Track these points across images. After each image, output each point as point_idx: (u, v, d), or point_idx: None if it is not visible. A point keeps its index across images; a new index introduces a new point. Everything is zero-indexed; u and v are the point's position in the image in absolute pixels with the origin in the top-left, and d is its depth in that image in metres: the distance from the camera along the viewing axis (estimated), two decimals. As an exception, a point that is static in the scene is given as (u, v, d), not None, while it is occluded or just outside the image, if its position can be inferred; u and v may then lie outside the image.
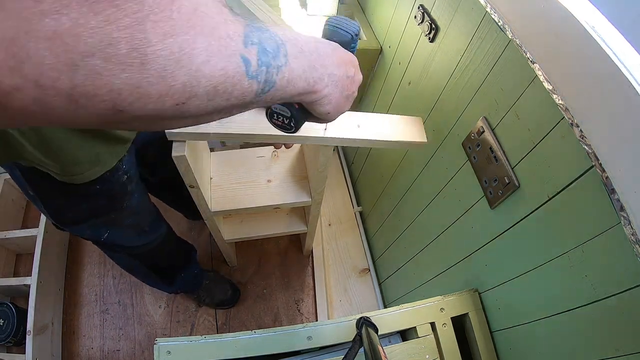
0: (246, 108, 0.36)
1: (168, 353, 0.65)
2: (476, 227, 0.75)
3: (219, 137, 0.66)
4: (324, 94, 0.43)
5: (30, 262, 1.26)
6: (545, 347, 0.61)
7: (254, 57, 0.32)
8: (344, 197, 1.59)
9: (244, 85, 0.31)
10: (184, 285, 1.25)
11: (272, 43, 0.34)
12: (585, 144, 0.46)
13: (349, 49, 0.51)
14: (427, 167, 0.92)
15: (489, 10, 0.62)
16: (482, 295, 0.76)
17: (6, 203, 1.42)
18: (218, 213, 0.93)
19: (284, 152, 1.04)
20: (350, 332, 0.69)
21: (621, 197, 0.43)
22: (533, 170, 0.58)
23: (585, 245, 0.50)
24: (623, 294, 0.46)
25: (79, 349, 1.29)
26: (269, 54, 0.33)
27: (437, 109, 0.85)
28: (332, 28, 0.51)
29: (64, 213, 0.70)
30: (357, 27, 0.51)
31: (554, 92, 0.50)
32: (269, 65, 0.33)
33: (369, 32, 1.18)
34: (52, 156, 0.55)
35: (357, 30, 0.51)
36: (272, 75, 0.34)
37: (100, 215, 0.75)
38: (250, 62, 0.31)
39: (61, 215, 0.71)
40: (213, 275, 1.36)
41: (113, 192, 0.71)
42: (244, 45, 0.31)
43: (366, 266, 1.44)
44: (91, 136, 0.57)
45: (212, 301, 1.34)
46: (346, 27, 0.50)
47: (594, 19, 0.46)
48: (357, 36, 0.51)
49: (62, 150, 0.55)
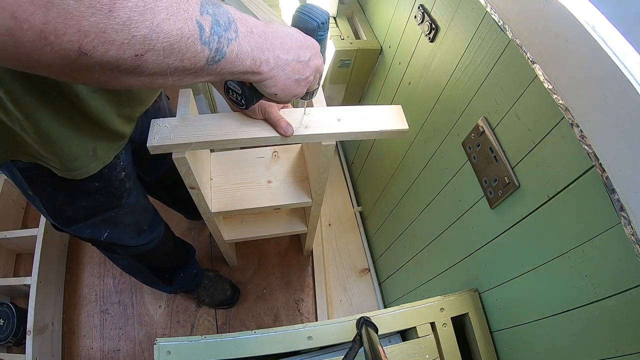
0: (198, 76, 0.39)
1: (168, 353, 0.65)
2: (476, 227, 0.75)
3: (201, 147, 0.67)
4: (269, 76, 0.46)
5: (30, 262, 1.26)
6: (545, 347, 0.61)
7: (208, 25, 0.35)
8: (344, 197, 1.59)
9: (197, 49, 0.35)
10: (183, 285, 1.25)
11: (225, 18, 0.38)
12: (585, 144, 0.46)
13: (315, 36, 0.52)
14: (427, 167, 0.92)
15: (489, 10, 0.62)
16: (482, 295, 0.76)
17: (6, 203, 1.42)
18: (218, 214, 0.93)
19: (284, 152, 1.04)
20: (350, 332, 0.69)
21: (621, 197, 0.43)
22: (533, 170, 0.58)
23: (585, 245, 0.50)
24: (623, 294, 0.46)
25: (79, 349, 1.29)
26: (221, 26, 0.37)
27: (437, 109, 0.85)
28: (299, 15, 0.52)
29: (64, 211, 0.70)
30: (325, 16, 0.52)
31: (554, 92, 0.50)
32: (220, 36, 0.37)
33: (369, 32, 1.18)
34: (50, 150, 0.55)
35: (323, 19, 0.51)
36: (222, 46, 0.38)
37: (99, 213, 0.75)
38: (204, 28, 0.35)
39: (61, 214, 0.70)
40: (213, 275, 1.36)
41: (112, 189, 0.72)
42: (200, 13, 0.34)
43: (366, 266, 1.44)
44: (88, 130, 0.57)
45: (212, 301, 1.34)
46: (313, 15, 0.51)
47: (594, 19, 0.46)
48: (324, 24, 0.52)
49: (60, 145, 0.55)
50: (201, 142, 0.65)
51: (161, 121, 0.66)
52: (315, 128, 0.68)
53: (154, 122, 0.66)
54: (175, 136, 0.65)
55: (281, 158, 1.03)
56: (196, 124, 0.67)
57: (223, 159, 1.01)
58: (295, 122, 0.68)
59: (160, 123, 0.66)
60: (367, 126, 0.69)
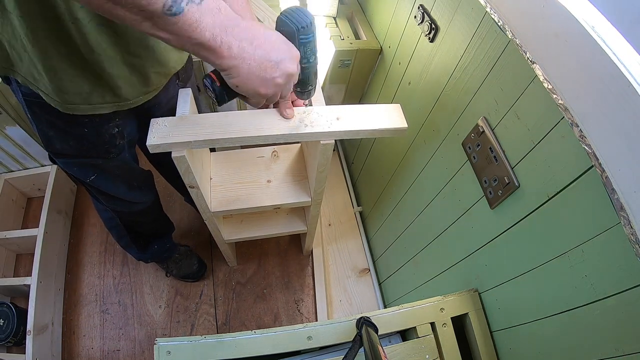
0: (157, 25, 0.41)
1: (168, 353, 0.65)
2: (476, 227, 0.75)
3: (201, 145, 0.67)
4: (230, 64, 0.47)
5: (30, 262, 1.26)
6: (545, 347, 0.61)
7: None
8: (344, 197, 1.59)
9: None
10: (155, 255, 1.30)
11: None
12: (585, 144, 0.46)
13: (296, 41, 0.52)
14: (427, 167, 0.92)
15: (489, 10, 0.62)
16: (482, 295, 0.76)
17: (6, 203, 1.42)
18: (218, 213, 0.93)
19: (284, 152, 1.04)
20: (350, 332, 0.69)
21: (621, 197, 0.43)
22: (533, 170, 0.58)
23: (585, 245, 0.50)
24: (623, 294, 0.46)
25: (79, 349, 1.29)
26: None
27: (437, 109, 0.85)
28: (281, 17, 0.52)
29: (54, 143, 0.72)
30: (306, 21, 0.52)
31: (554, 92, 0.50)
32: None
33: (369, 32, 1.18)
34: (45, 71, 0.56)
35: (304, 24, 0.51)
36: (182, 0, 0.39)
37: (85, 157, 0.76)
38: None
39: (51, 145, 0.72)
40: (184, 249, 1.40)
41: (99, 141, 0.73)
42: None
43: (366, 266, 1.44)
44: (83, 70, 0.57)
45: (179, 273, 1.38)
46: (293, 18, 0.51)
47: (594, 19, 0.46)
48: (304, 29, 0.51)
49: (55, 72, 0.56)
50: (201, 140, 0.66)
51: (160, 120, 0.67)
52: (314, 126, 0.68)
53: (153, 121, 0.67)
54: (175, 135, 0.65)
55: (281, 157, 1.03)
56: (196, 122, 0.67)
57: (222, 158, 1.01)
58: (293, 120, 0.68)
59: (160, 122, 0.66)
60: (366, 125, 0.69)
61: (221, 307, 1.37)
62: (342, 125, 0.69)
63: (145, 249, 1.24)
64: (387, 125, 0.70)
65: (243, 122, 0.67)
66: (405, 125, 0.70)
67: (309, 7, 1.22)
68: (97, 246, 1.48)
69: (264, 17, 1.08)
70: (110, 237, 1.49)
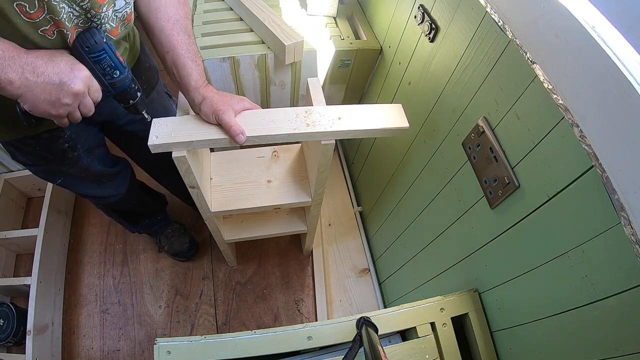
0: None
1: (168, 353, 0.65)
2: (476, 227, 0.75)
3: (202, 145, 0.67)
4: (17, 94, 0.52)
5: (30, 262, 1.26)
6: (545, 347, 0.61)
7: None
8: (344, 197, 1.59)
9: None
10: (146, 228, 1.35)
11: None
12: (585, 144, 0.46)
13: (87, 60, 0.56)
14: (427, 167, 0.92)
15: (489, 10, 0.62)
16: (482, 295, 0.76)
17: (6, 203, 1.42)
18: (218, 213, 0.93)
19: (284, 152, 1.04)
20: (350, 332, 0.69)
21: (621, 197, 0.43)
22: (533, 170, 0.58)
23: (585, 245, 0.50)
24: (623, 294, 0.46)
25: (79, 349, 1.29)
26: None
27: (437, 109, 0.85)
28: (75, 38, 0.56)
29: (16, 156, 0.79)
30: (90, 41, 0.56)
31: (554, 92, 0.50)
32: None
33: (369, 32, 1.18)
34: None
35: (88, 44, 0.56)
36: None
37: (45, 166, 0.83)
38: None
39: (15, 157, 0.80)
40: (178, 227, 1.42)
41: (52, 155, 0.79)
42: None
43: (366, 266, 1.44)
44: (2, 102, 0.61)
45: (170, 249, 1.41)
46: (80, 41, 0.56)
47: (593, 18, 0.46)
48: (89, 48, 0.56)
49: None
50: (202, 140, 0.66)
51: (162, 120, 0.67)
52: (316, 126, 0.68)
53: (155, 121, 0.67)
54: (177, 134, 0.65)
55: (281, 158, 1.03)
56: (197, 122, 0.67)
57: (223, 159, 1.01)
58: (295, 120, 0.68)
59: (162, 122, 0.66)
60: (368, 124, 0.69)
61: (221, 307, 1.37)
62: (344, 125, 0.69)
63: (136, 223, 1.30)
64: (389, 124, 0.70)
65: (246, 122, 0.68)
66: (407, 125, 0.70)
67: (309, 6, 1.22)
68: (97, 246, 1.48)
69: (264, 17, 1.08)
70: (110, 237, 1.50)
